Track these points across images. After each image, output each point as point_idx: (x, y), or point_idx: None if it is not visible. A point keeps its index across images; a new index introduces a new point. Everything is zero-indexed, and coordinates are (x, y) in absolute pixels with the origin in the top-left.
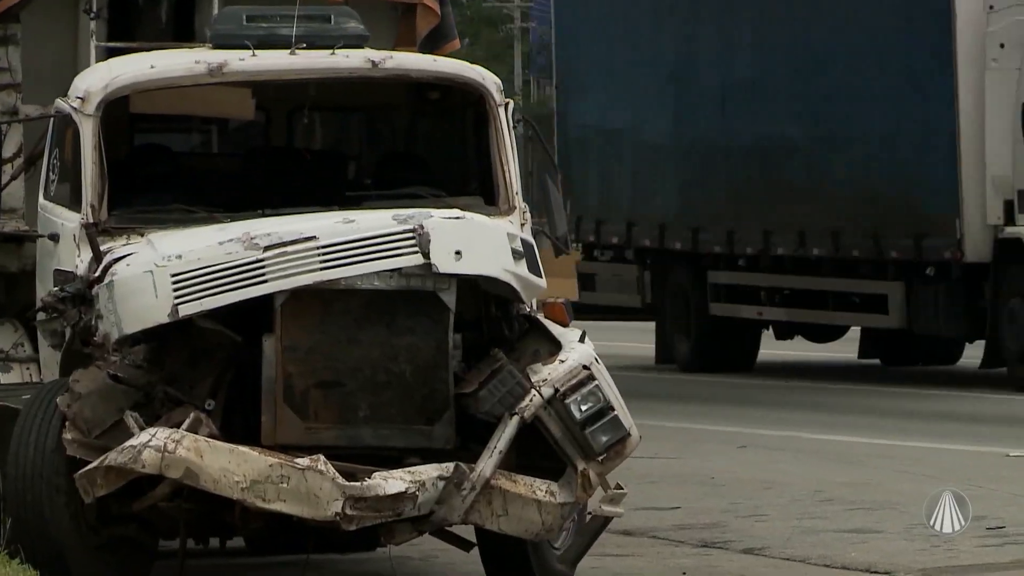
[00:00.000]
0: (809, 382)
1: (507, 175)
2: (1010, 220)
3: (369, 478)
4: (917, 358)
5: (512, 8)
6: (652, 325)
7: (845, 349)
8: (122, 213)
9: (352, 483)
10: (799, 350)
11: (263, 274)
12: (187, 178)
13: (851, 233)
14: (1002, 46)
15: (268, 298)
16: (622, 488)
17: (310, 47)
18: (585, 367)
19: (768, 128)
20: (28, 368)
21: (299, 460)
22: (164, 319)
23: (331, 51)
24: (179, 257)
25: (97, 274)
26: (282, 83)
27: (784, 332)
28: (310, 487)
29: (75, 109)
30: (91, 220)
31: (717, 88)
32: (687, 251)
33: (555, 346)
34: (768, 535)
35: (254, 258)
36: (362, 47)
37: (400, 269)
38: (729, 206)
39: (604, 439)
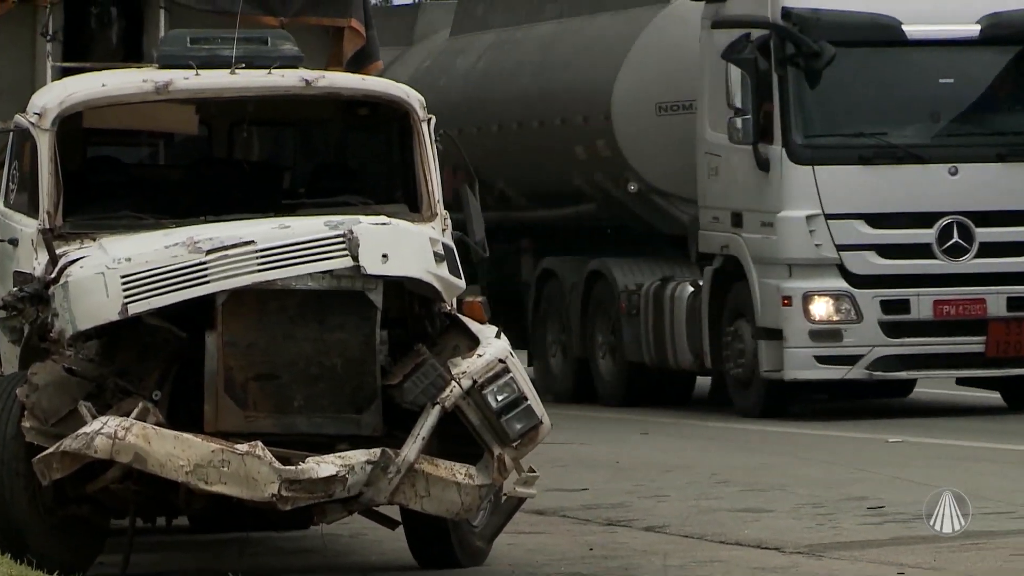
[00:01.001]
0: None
1: (429, 185)
2: None
3: (303, 462)
4: None
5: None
6: None
7: None
8: (76, 219)
9: (287, 467)
10: None
11: (205, 275)
12: (136, 187)
13: None
14: None
15: (210, 297)
16: (535, 471)
17: (249, 67)
18: (501, 360)
19: None
20: None
21: (239, 446)
22: (115, 317)
23: (268, 71)
24: (128, 260)
25: (53, 275)
26: (223, 100)
27: None
28: (249, 471)
29: (33, 124)
30: (47, 226)
31: None
32: None
33: (473, 341)
34: (668, 514)
35: (197, 261)
36: (296, 67)
37: (331, 271)
38: None
39: (518, 426)
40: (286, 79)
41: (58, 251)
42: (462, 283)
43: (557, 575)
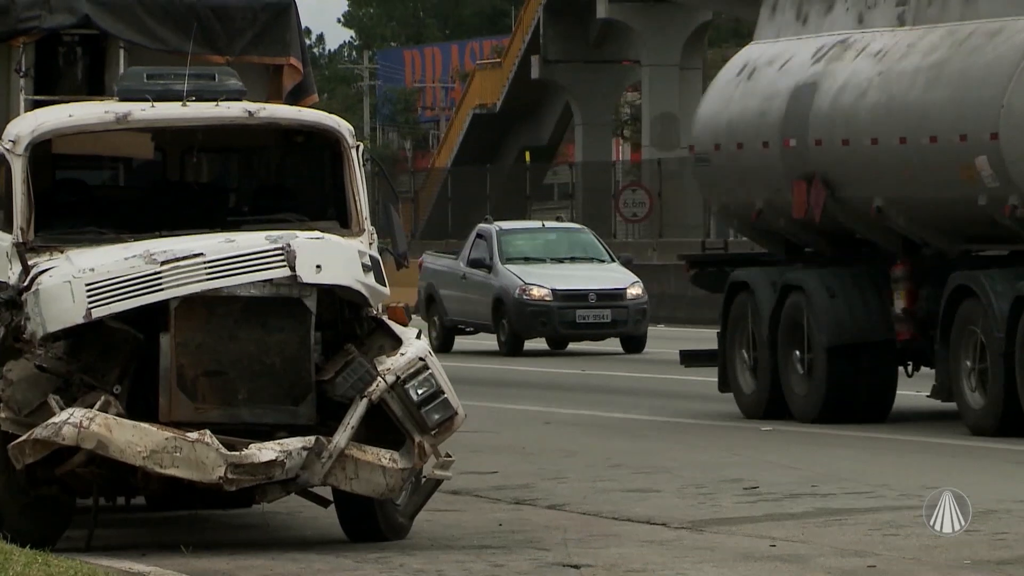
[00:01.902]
0: (604, 370)
1: (358, 204)
2: None
3: (246, 448)
4: None
5: (362, 69)
6: None
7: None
8: (46, 234)
9: (232, 453)
10: (599, 344)
11: (160, 284)
12: (99, 206)
13: None
14: None
15: (164, 303)
16: (450, 456)
17: (198, 100)
18: (421, 359)
19: None
20: None
21: (189, 434)
22: (80, 320)
23: (215, 103)
24: (92, 270)
25: (25, 284)
26: (175, 129)
27: None
28: (198, 456)
29: (7, 150)
30: (20, 240)
31: None
32: None
33: (397, 342)
34: (568, 494)
35: (153, 271)
36: (240, 100)
37: (271, 280)
38: None
39: (436, 417)
40: (231, 110)
41: (30, 262)
42: (386, 290)
43: (470, 548)
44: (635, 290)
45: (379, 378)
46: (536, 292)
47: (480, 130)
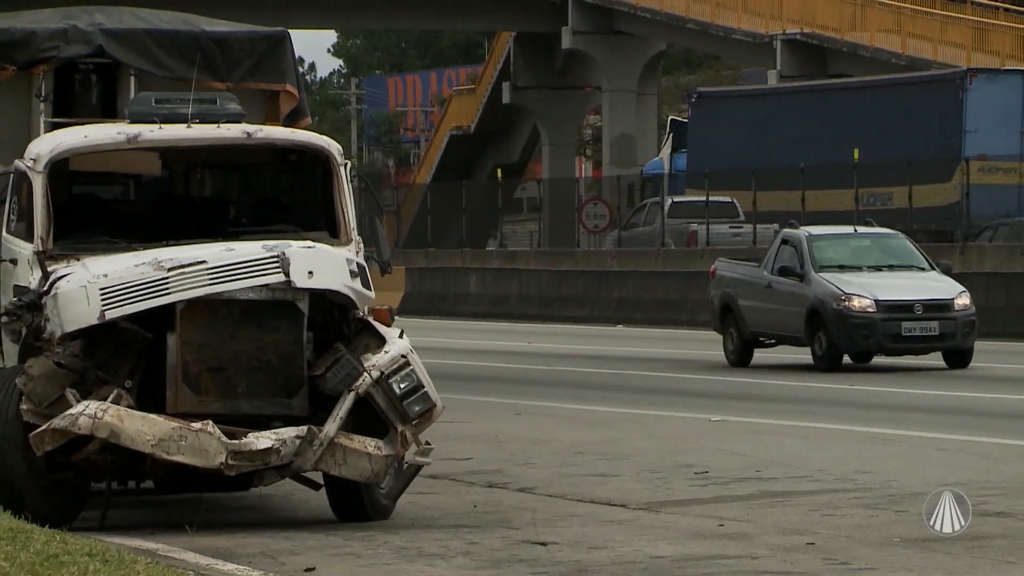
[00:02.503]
0: (571, 366)
1: (346, 216)
2: None
3: (245, 437)
4: None
5: (350, 95)
6: None
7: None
8: (63, 243)
9: (232, 441)
10: (565, 342)
11: (167, 288)
12: (111, 218)
13: None
14: None
15: (171, 306)
16: (430, 444)
17: (202, 122)
18: (403, 356)
19: None
20: None
21: (193, 424)
22: (94, 321)
23: (217, 125)
24: (105, 276)
25: (45, 288)
26: (181, 148)
27: None
28: (201, 444)
29: (29, 168)
30: (41, 249)
31: None
32: None
33: (381, 341)
34: (537, 478)
35: (160, 276)
36: (240, 122)
37: (268, 284)
38: None
39: (417, 408)
40: (231, 132)
41: (49, 269)
42: (372, 294)
43: (447, 527)
44: (963, 300)
45: (365, 374)
46: (857, 303)
47: (456, 150)
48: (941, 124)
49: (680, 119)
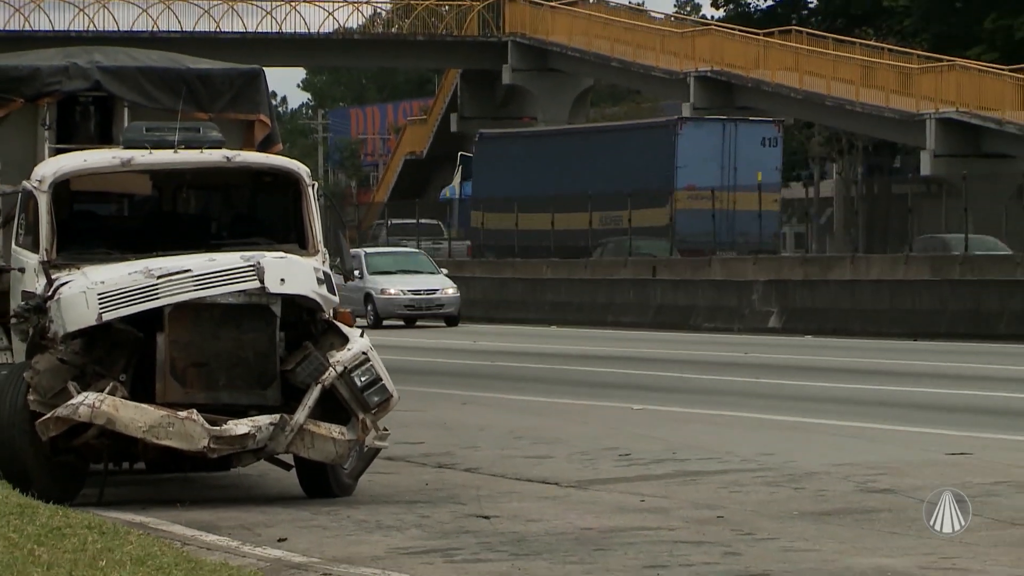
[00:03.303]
0: (511, 362)
1: (313, 230)
2: None
3: (225, 424)
4: None
5: (316, 124)
6: None
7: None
8: (65, 254)
9: (214, 427)
10: (506, 341)
11: (156, 293)
12: (107, 231)
13: None
14: None
15: (160, 309)
16: (387, 430)
17: (187, 148)
18: (364, 353)
19: None
20: (5, 355)
21: (180, 413)
22: (93, 322)
23: (200, 150)
24: (103, 283)
25: (49, 293)
26: (168, 171)
27: None
28: (187, 430)
29: (35, 188)
30: (45, 259)
31: None
32: None
33: (344, 340)
34: (481, 460)
35: (151, 283)
36: (220, 148)
37: (245, 290)
38: None
39: (376, 399)
40: (213, 156)
41: (53, 276)
42: (336, 299)
43: (403, 503)
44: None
45: (330, 368)
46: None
47: (410, 172)
48: (659, 161)
49: (468, 154)
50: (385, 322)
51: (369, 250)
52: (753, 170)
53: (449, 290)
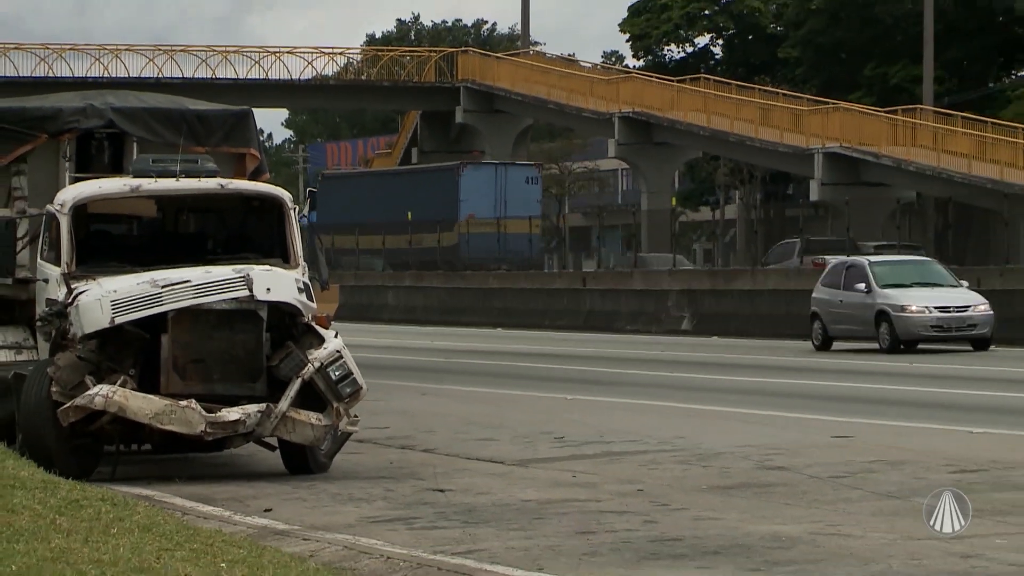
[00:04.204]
0: (464, 358)
1: (295, 247)
2: None
3: (219, 411)
4: None
5: (297, 157)
6: None
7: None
8: (83, 267)
9: (210, 414)
10: (459, 341)
11: (161, 301)
12: (119, 248)
13: None
14: None
15: (164, 314)
16: (357, 417)
17: (187, 176)
18: (338, 351)
19: None
20: (32, 353)
21: (181, 402)
22: (107, 325)
23: (198, 179)
24: (115, 291)
25: (70, 301)
26: (171, 196)
27: None
28: (187, 417)
29: (57, 211)
30: (66, 271)
31: None
32: None
33: (321, 340)
34: (437, 442)
35: (156, 292)
36: (215, 177)
37: (236, 298)
38: None
39: (348, 390)
40: (209, 184)
41: (72, 286)
42: (314, 305)
43: (371, 478)
44: None
45: (309, 364)
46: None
47: None
48: (448, 195)
49: (314, 189)
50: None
51: (874, 259)
52: (520, 204)
53: (981, 307)
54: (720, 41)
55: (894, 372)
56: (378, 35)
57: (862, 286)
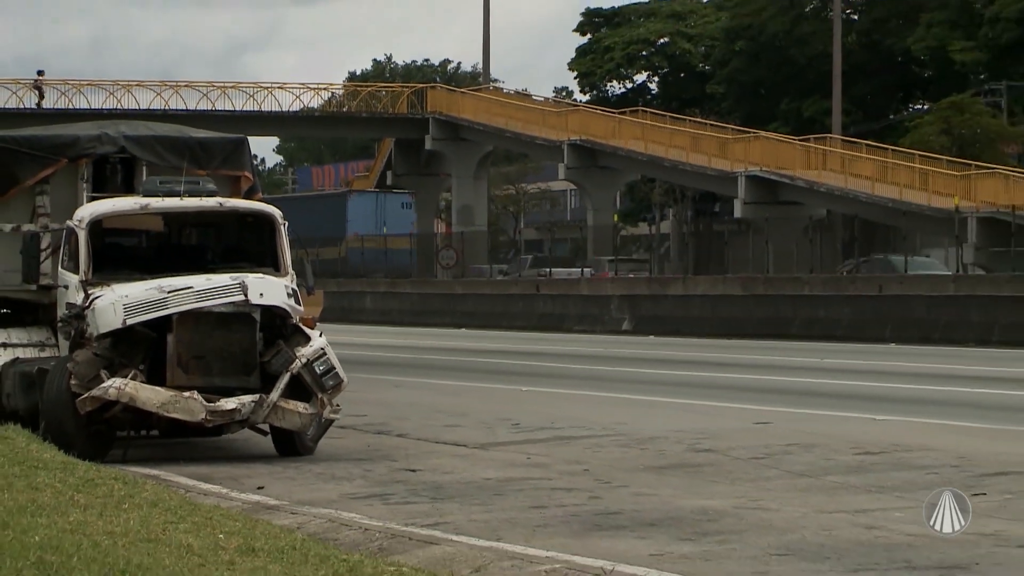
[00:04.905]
0: (433, 355)
1: (284, 257)
2: None
3: (218, 401)
4: None
5: (287, 179)
6: None
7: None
8: (98, 275)
9: (210, 404)
10: (428, 339)
11: (166, 304)
12: (130, 258)
13: None
14: None
15: (169, 316)
16: (339, 406)
17: (190, 196)
18: (322, 348)
19: None
20: (54, 350)
21: (184, 393)
22: (119, 326)
23: (200, 198)
24: (126, 296)
25: (87, 304)
26: (176, 213)
27: None
28: (189, 406)
29: (76, 226)
30: (84, 279)
31: None
32: None
33: (307, 339)
34: (409, 427)
35: (162, 297)
36: (215, 196)
37: (233, 302)
38: None
39: (331, 383)
40: (209, 202)
41: (89, 292)
42: (301, 308)
43: (351, 460)
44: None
45: (297, 360)
46: None
47: None
48: (338, 216)
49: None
50: None
51: None
52: (396, 224)
53: None
54: (656, 78)
55: (808, 367)
56: (358, 72)
57: None
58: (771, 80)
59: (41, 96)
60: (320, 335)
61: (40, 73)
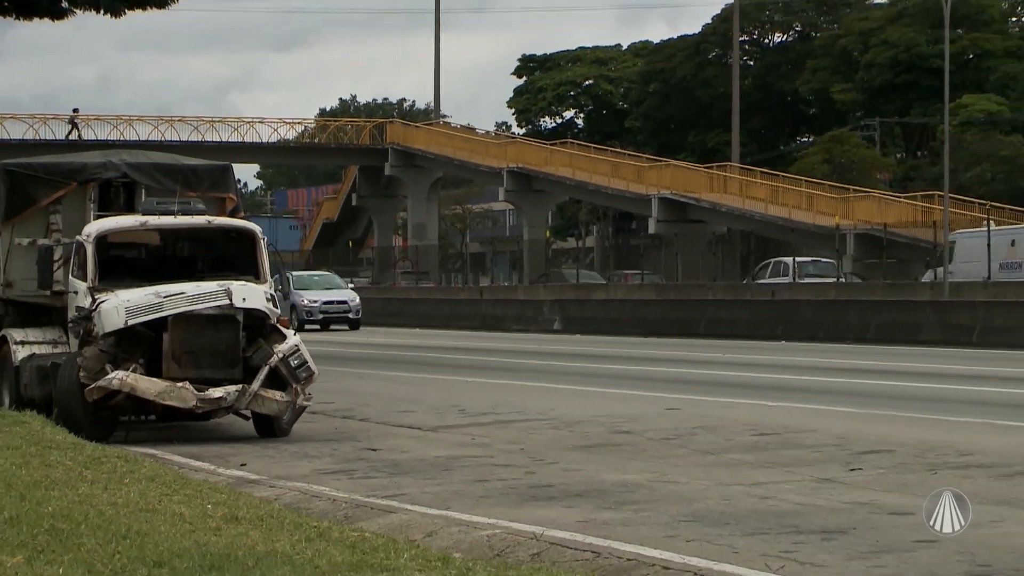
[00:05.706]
0: (393, 351)
1: (264, 268)
2: None
3: (207, 391)
4: None
5: (266, 200)
6: None
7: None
8: (103, 283)
9: (200, 393)
10: (390, 338)
11: (162, 307)
12: (131, 268)
13: None
14: None
15: (165, 317)
16: (311, 395)
17: (182, 215)
18: (296, 345)
19: None
20: (65, 347)
21: (178, 384)
22: (122, 326)
23: (191, 216)
24: (128, 300)
25: (93, 308)
26: (171, 229)
27: None
28: (182, 394)
29: (84, 240)
30: (91, 285)
31: None
32: None
33: (283, 337)
34: (371, 413)
35: (159, 301)
36: (204, 215)
37: (220, 305)
38: None
39: (303, 375)
40: (199, 220)
41: (95, 296)
42: (279, 311)
43: (321, 441)
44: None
45: (274, 355)
46: None
47: (327, 231)
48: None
49: None
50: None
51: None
52: (288, 243)
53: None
54: (582, 114)
55: (712, 361)
56: (327, 109)
57: None
58: (680, 116)
59: (74, 128)
60: (294, 334)
61: (75, 111)
